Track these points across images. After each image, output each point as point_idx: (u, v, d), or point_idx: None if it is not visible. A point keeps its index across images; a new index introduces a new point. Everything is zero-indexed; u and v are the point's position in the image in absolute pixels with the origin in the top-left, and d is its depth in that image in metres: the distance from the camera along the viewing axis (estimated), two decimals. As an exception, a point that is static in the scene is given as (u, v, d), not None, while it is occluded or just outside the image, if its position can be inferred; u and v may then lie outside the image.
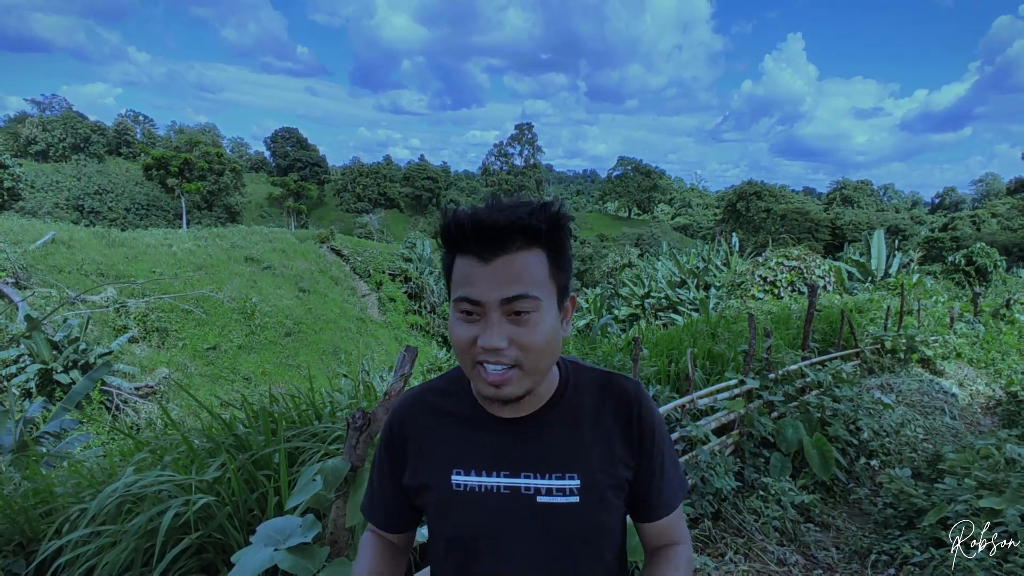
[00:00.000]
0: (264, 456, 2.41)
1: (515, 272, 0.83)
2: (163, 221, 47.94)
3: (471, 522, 0.96)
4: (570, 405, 0.99)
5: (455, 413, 1.01)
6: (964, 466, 4.05)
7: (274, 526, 1.50)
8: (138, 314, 18.74)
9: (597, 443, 0.98)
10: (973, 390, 7.67)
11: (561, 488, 0.94)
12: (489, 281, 0.83)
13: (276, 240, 30.97)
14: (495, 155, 59.42)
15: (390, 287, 30.63)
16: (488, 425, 0.98)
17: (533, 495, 0.95)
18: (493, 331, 0.83)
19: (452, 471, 0.97)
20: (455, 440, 0.99)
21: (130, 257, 22.58)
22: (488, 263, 0.83)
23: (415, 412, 1.04)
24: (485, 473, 0.96)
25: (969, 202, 74.97)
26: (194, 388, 17.78)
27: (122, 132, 65.29)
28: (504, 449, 0.97)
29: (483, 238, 0.83)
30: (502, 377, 0.85)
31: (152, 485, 1.90)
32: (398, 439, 1.03)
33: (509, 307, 0.84)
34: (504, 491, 0.95)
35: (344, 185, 72.07)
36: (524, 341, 0.84)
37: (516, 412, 0.97)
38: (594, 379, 1.03)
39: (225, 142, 78.90)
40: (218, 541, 1.91)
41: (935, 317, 10.43)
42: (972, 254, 19.14)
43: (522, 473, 0.95)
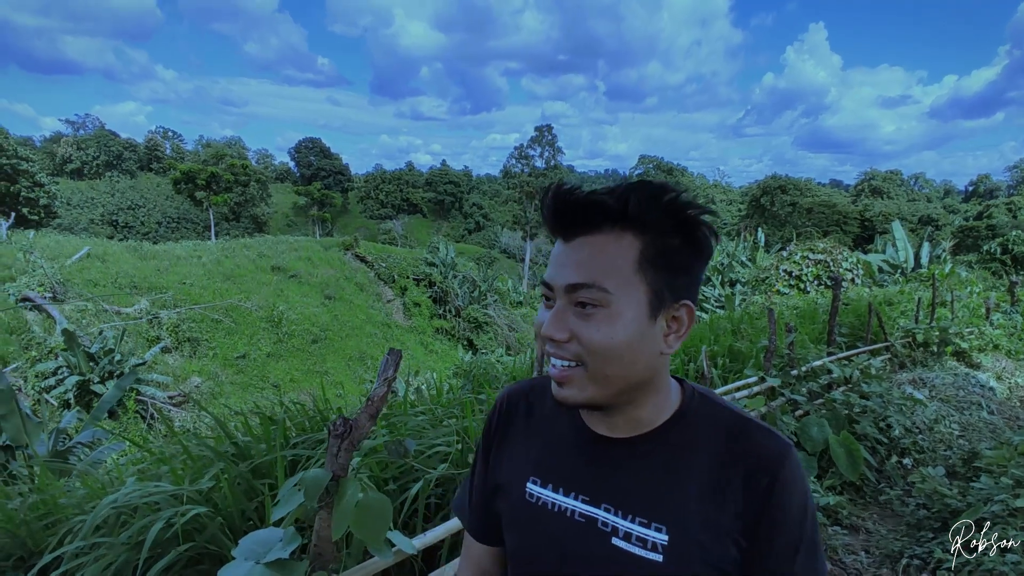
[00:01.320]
0: (266, 464, 2.39)
1: (585, 256, 0.73)
2: (193, 233, 49.12)
3: (537, 542, 0.85)
4: (681, 442, 0.80)
5: (550, 416, 0.91)
6: (1002, 464, 3.86)
7: (257, 539, 1.47)
8: (170, 325, 19.18)
9: (704, 501, 0.77)
10: (1012, 383, 7.34)
11: (643, 538, 0.77)
12: (562, 263, 0.75)
13: (302, 248, 31.40)
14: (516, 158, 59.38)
15: (415, 292, 30.77)
16: (579, 437, 0.86)
17: (610, 534, 0.79)
18: (555, 318, 0.74)
19: (529, 478, 0.88)
20: (541, 445, 0.90)
21: (161, 269, 23.13)
22: (568, 243, 0.75)
23: (515, 404, 0.96)
24: (563, 491, 0.84)
25: (1004, 189, 72.37)
26: (225, 396, 18.12)
27: (152, 148, 67.03)
28: (589, 469, 0.84)
29: (561, 213, 0.75)
30: (564, 374, 0.75)
31: (145, 496, 1.89)
32: (492, 431, 0.97)
33: (574, 296, 0.74)
34: (579, 518, 0.82)
35: (367, 192, 72.87)
36: (587, 338, 0.73)
37: (609, 429, 0.83)
38: (724, 421, 0.81)
39: (251, 154, 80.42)
40: (214, 552, 1.89)
41: (970, 308, 10.05)
42: (1008, 242, 18.43)
43: (602, 503, 0.81)
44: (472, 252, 51.96)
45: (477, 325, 29.55)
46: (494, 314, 30.07)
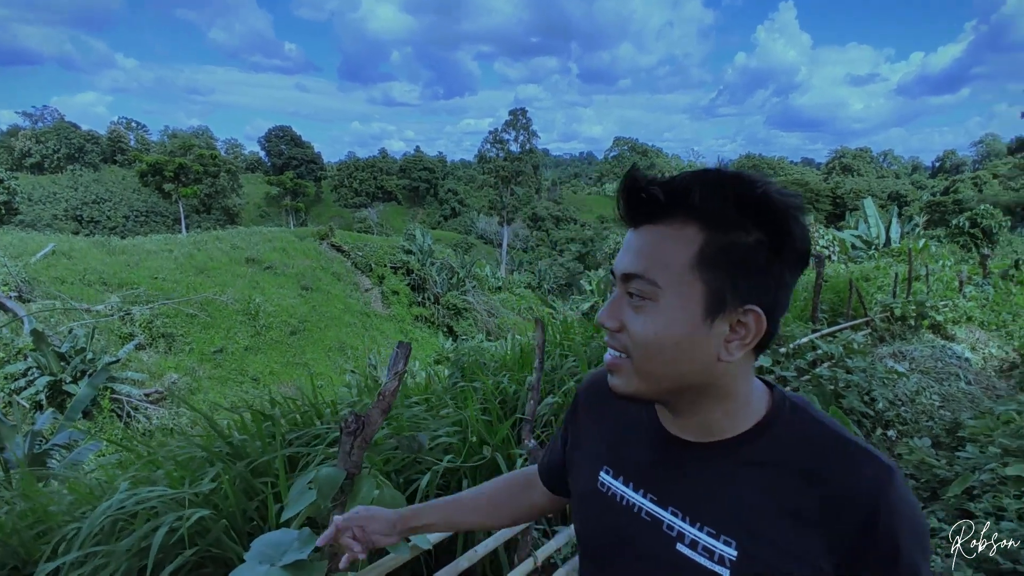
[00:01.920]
0: (263, 462, 2.33)
1: (643, 246, 0.70)
2: (162, 227, 47.91)
3: (603, 532, 0.84)
4: (761, 455, 0.73)
5: (629, 409, 0.88)
6: (986, 433, 3.96)
7: (269, 541, 1.41)
8: (143, 321, 18.77)
9: (782, 523, 0.70)
10: (986, 353, 7.56)
11: (710, 549, 0.72)
12: (624, 251, 0.73)
13: (276, 239, 30.89)
14: (491, 142, 58.94)
15: (393, 280, 30.54)
16: (653, 435, 0.83)
17: (675, 538, 0.75)
18: (610, 306, 0.73)
19: (602, 467, 0.88)
20: (617, 437, 0.89)
21: (131, 264, 22.57)
22: (636, 228, 0.73)
23: (594, 393, 0.97)
24: (632, 486, 0.82)
25: (970, 164, 74.23)
26: (203, 391, 17.85)
27: (116, 140, 65.01)
28: (661, 469, 0.80)
29: (627, 199, 0.71)
30: (613, 362, 0.75)
31: (144, 501, 1.82)
32: (574, 415, 1.00)
33: (627, 286, 0.72)
34: (645, 516, 0.79)
35: (341, 181, 71.80)
36: (631, 329, 0.71)
37: (681, 431, 0.79)
38: (816, 437, 0.73)
39: (219, 144, 78.52)
40: (217, 555, 1.83)
41: (944, 281, 10.30)
42: (976, 216, 18.92)
43: (670, 507, 0.77)
44: (449, 238, 51.67)
45: (456, 312, 29.49)
46: (473, 300, 30.02)
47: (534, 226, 62.88)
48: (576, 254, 51.21)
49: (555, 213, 63.70)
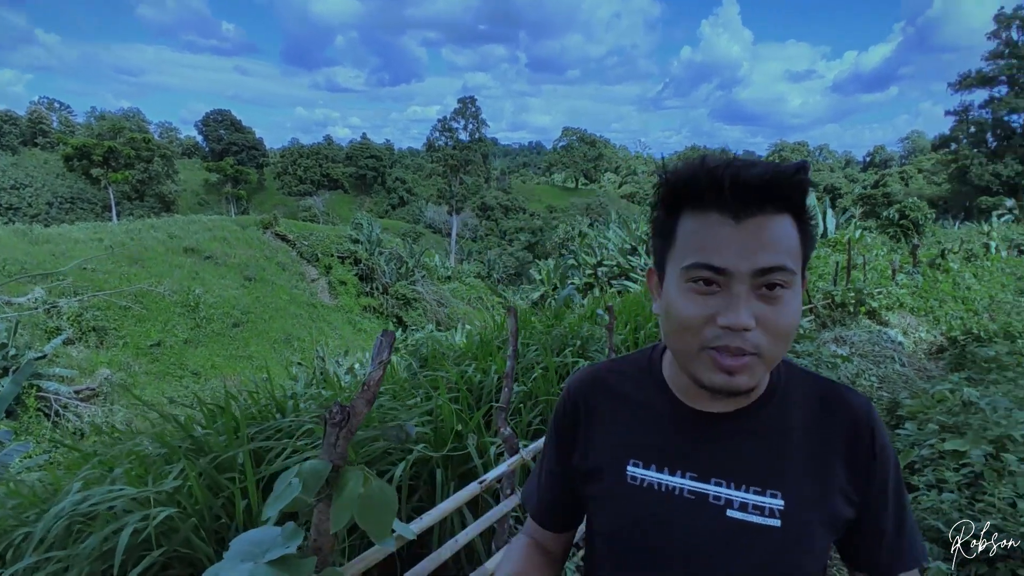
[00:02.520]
0: (227, 458, 2.23)
1: (773, 238, 0.70)
2: (90, 214, 45.27)
3: (643, 524, 0.82)
4: (781, 409, 0.82)
5: (639, 398, 0.88)
6: (922, 411, 4.20)
7: (250, 538, 1.35)
8: (71, 314, 17.75)
9: (811, 463, 0.79)
10: (916, 337, 8.03)
11: (759, 506, 0.77)
12: (741, 246, 0.69)
13: (216, 228, 29.71)
14: (439, 130, 58.29)
15: (340, 270, 29.92)
16: (679, 416, 0.84)
17: (724, 507, 0.78)
18: (741, 307, 0.69)
19: (628, 461, 0.84)
20: (637, 426, 0.86)
21: (57, 254, 21.26)
22: (740, 223, 0.70)
23: (594, 389, 0.92)
24: (668, 470, 0.82)
25: (897, 159, 78.53)
26: (139, 387, 17.08)
27: (36, 121, 60.86)
28: (694, 446, 0.82)
29: (741, 192, 0.69)
30: (741, 363, 0.71)
31: (104, 502, 1.71)
32: (571, 416, 0.93)
33: (763, 280, 0.70)
34: (688, 495, 0.80)
35: (284, 168, 69.55)
36: (774, 323, 0.70)
37: (712, 404, 0.82)
38: (813, 385, 0.85)
39: (152, 127, 74.58)
40: (185, 555, 1.74)
41: (878, 270, 10.87)
42: (905, 208, 20.05)
43: (712, 478, 0.80)
44: (397, 228, 50.92)
45: (406, 302, 29.20)
46: (422, 290, 29.78)
47: (483, 215, 62.74)
48: (525, 244, 51.46)
49: (504, 203, 63.70)
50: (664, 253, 0.78)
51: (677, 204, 0.75)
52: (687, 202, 0.74)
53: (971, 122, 46.10)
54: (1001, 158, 42.95)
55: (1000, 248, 15.80)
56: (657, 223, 0.79)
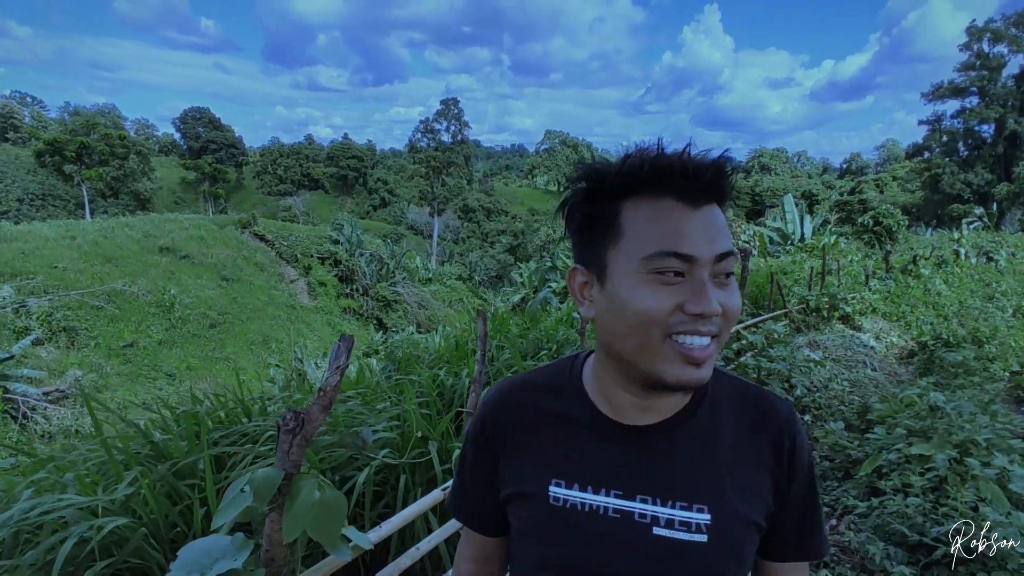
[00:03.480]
0: (188, 464, 2.18)
1: (722, 224, 0.70)
2: (63, 212, 44.25)
3: (568, 547, 0.78)
4: (708, 417, 0.80)
5: (559, 413, 0.83)
6: (891, 416, 4.25)
7: (199, 548, 1.31)
8: (41, 313, 17.35)
9: (737, 472, 0.78)
10: (888, 342, 8.16)
11: (686, 521, 0.75)
12: (701, 232, 0.67)
13: (193, 227, 29.21)
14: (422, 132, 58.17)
15: (320, 271, 29.64)
16: (602, 430, 0.80)
17: (649, 524, 0.76)
18: (709, 293, 0.66)
19: (551, 481, 0.80)
20: (558, 445, 0.82)
21: (27, 252, 20.75)
22: (698, 209, 0.68)
23: (512, 407, 0.87)
24: (592, 489, 0.78)
25: (873, 167, 79.98)
26: (111, 388, 16.73)
27: (8, 116, 59.48)
28: (618, 462, 0.79)
29: (698, 178, 0.67)
30: (706, 353, 0.68)
31: (52, 510, 1.65)
32: (491, 437, 0.87)
33: (719, 266, 0.68)
34: (613, 514, 0.77)
35: (264, 167, 68.74)
36: (730, 308, 0.69)
37: (646, 416, 0.78)
38: (737, 391, 0.83)
39: (128, 124, 73.26)
40: (137, 566, 1.69)
41: (852, 275, 11.03)
42: (879, 215, 20.42)
43: (638, 496, 0.77)
44: (378, 229, 50.62)
45: (386, 304, 29.02)
46: (403, 292, 29.63)
47: (465, 217, 62.61)
48: (507, 246, 51.44)
49: (486, 205, 63.64)
50: (603, 246, 0.73)
51: (619, 193, 0.71)
52: (633, 190, 0.70)
53: (943, 131, 47.13)
54: (972, 167, 43.98)
55: (970, 255, 16.16)
56: (591, 215, 0.74)
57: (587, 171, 0.73)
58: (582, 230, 0.75)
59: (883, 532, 2.93)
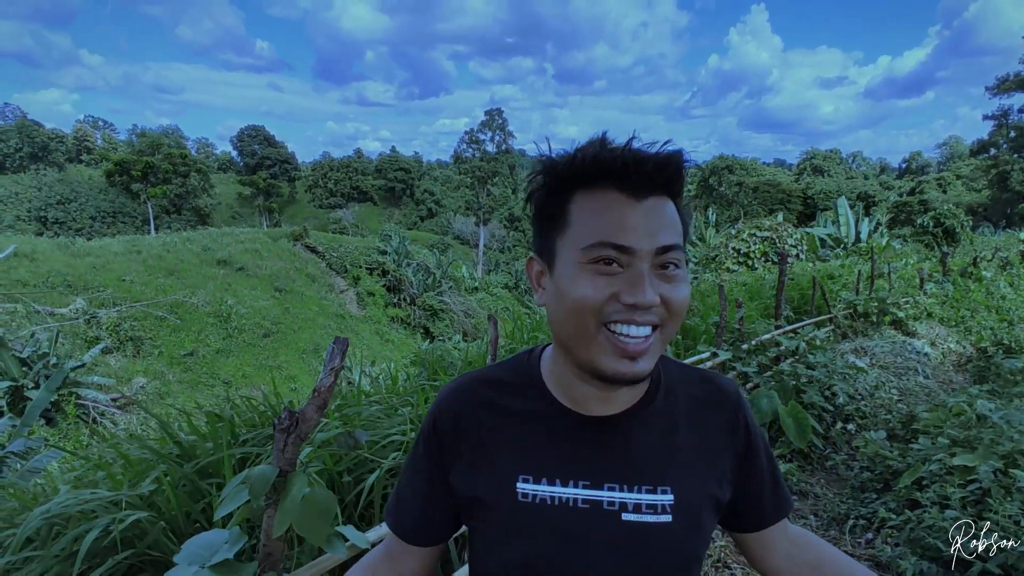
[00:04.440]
0: (213, 463, 2.29)
1: (668, 218, 0.71)
2: (131, 228, 46.86)
3: (541, 542, 0.78)
4: (665, 404, 0.83)
5: (519, 408, 0.83)
6: (937, 425, 4.06)
7: (201, 542, 1.39)
8: (110, 324, 18.34)
9: (695, 453, 0.82)
10: (945, 348, 7.76)
11: (652, 505, 0.78)
12: (643, 225, 0.69)
13: (248, 240, 30.42)
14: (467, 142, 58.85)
15: (368, 281, 30.32)
16: (563, 424, 0.81)
17: (618, 511, 0.78)
18: (645, 284, 0.68)
19: (518, 478, 0.80)
20: (521, 441, 0.82)
21: (97, 266, 22.04)
22: (641, 202, 0.70)
23: (470, 405, 0.85)
24: (559, 482, 0.79)
25: (935, 165, 76.28)
26: (173, 395, 17.50)
27: (82, 139, 63.50)
28: (583, 454, 0.80)
29: (639, 170, 0.69)
30: (642, 346, 0.69)
31: (79, 504, 1.78)
32: (445, 437, 0.85)
33: (661, 258, 0.70)
34: (583, 505, 0.78)
35: (315, 181, 71.05)
36: (673, 300, 0.70)
37: (607, 406, 0.80)
38: (688, 376, 0.88)
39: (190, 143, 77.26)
40: (158, 559, 1.80)
41: (905, 279, 10.55)
42: (940, 216, 19.44)
43: (605, 484, 0.78)
44: (425, 239, 51.44)
45: (433, 313, 29.36)
46: (449, 301, 29.94)
47: (511, 226, 62.93)
48: (553, 253, 51.25)
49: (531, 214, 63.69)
50: (553, 236, 0.74)
51: (570, 185, 0.73)
52: (582, 182, 0.72)
53: (1011, 126, 44.59)
54: (1045, 163, 41.47)
55: (1040, 256, 15.20)
56: (544, 207, 0.76)
57: (544, 164, 0.75)
58: (538, 221, 0.77)
59: (918, 546, 2.80)
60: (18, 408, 13.09)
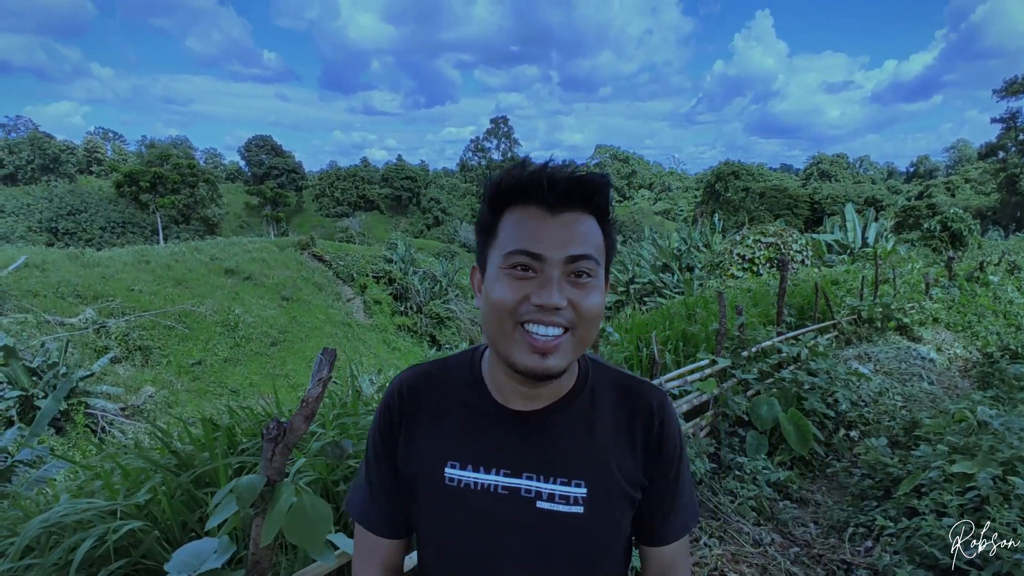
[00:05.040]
0: (210, 473, 2.32)
1: (582, 231, 0.79)
2: (140, 238, 47.27)
3: (461, 524, 0.87)
4: (587, 404, 0.90)
5: (456, 399, 0.92)
6: (938, 432, 4.04)
7: (191, 551, 1.42)
8: (119, 333, 18.49)
9: (612, 452, 0.89)
10: (951, 354, 7.70)
11: (565, 495, 0.86)
12: (555, 236, 0.78)
13: (256, 250, 30.62)
14: (472, 151, 59.28)
15: (375, 290, 30.41)
16: (493, 415, 0.89)
17: (533, 499, 0.86)
18: (553, 288, 0.76)
19: (447, 463, 0.88)
20: (454, 428, 0.90)
21: (107, 276, 22.22)
22: (556, 216, 0.78)
23: (418, 386, 0.94)
24: (483, 469, 0.87)
25: (943, 169, 75.93)
26: (181, 404, 17.58)
27: (92, 150, 64.26)
28: (507, 444, 0.88)
29: (556, 188, 0.77)
30: (553, 343, 0.77)
31: (77, 513, 1.81)
32: (396, 413, 0.92)
33: (572, 267, 0.78)
34: (502, 491, 0.86)
35: (322, 190, 71.50)
36: (583, 304, 0.78)
37: (532, 402, 0.88)
38: (615, 380, 0.94)
39: (198, 154, 78.03)
40: (152, 568, 1.82)
41: (911, 284, 10.48)
42: (947, 220, 19.32)
43: (524, 473, 0.86)
44: (432, 247, 51.56)
45: (439, 320, 29.40)
46: (456, 309, 29.98)
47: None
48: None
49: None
50: (487, 248, 0.83)
51: (502, 203, 0.81)
52: (511, 200, 0.80)
53: (1019, 129, 44.37)
54: (1054, 166, 41.12)
55: (1050, 260, 15.04)
56: (483, 223, 0.84)
57: (486, 184, 0.83)
58: (478, 235, 0.87)
59: (915, 554, 2.79)
60: (28, 417, 13.21)
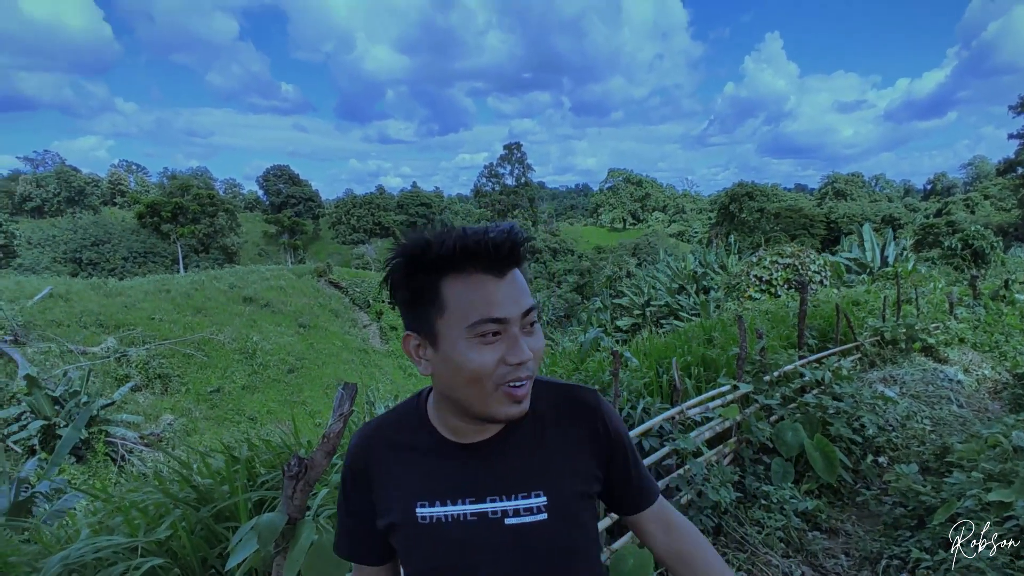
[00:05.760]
0: (230, 507, 2.31)
1: (522, 284, 0.86)
2: (161, 267, 48.11)
3: (441, 555, 0.91)
4: (532, 420, 0.95)
5: (412, 445, 0.97)
6: (972, 457, 3.91)
7: (212, 590, 1.40)
8: (139, 362, 18.69)
9: (562, 458, 0.97)
10: (980, 375, 7.50)
11: (528, 507, 0.92)
12: (508, 296, 0.83)
13: (273, 278, 30.97)
14: (486, 176, 59.79)
15: (390, 316, 30.53)
16: (449, 452, 0.95)
17: (501, 518, 0.92)
18: (521, 345, 0.83)
19: (416, 504, 0.93)
20: (416, 473, 0.95)
21: (128, 306, 22.56)
22: (503, 277, 0.83)
23: (373, 447, 0.99)
24: (450, 502, 0.92)
25: (961, 186, 75.03)
26: (199, 432, 17.65)
27: (116, 183, 65.83)
28: (468, 475, 0.94)
29: (499, 252, 0.82)
30: (527, 390, 0.86)
31: (94, 552, 1.80)
32: (361, 478, 0.98)
33: (527, 319, 0.85)
34: (471, 518, 0.92)
35: (338, 218, 72.42)
36: (537, 347, 0.87)
37: (484, 434, 0.94)
38: (553, 391, 1.01)
39: (218, 184, 79.64)
40: (173, 605, 1.80)
41: (934, 304, 10.28)
42: (968, 237, 19.01)
43: (487, 497, 0.92)
44: (447, 272, 51.68)
45: (455, 345, 29.31)
46: (471, 333, 29.89)
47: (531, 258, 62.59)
48: (574, 285, 51.27)
49: (552, 245, 63.99)
50: (431, 317, 0.85)
51: (438, 269, 0.83)
52: (448, 267, 0.82)
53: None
54: (1076, 180, 40.44)
55: (1078, 276, 14.69)
56: (416, 289, 0.85)
57: (405, 250, 0.85)
58: (409, 302, 0.87)
59: None
60: (50, 446, 13.33)
